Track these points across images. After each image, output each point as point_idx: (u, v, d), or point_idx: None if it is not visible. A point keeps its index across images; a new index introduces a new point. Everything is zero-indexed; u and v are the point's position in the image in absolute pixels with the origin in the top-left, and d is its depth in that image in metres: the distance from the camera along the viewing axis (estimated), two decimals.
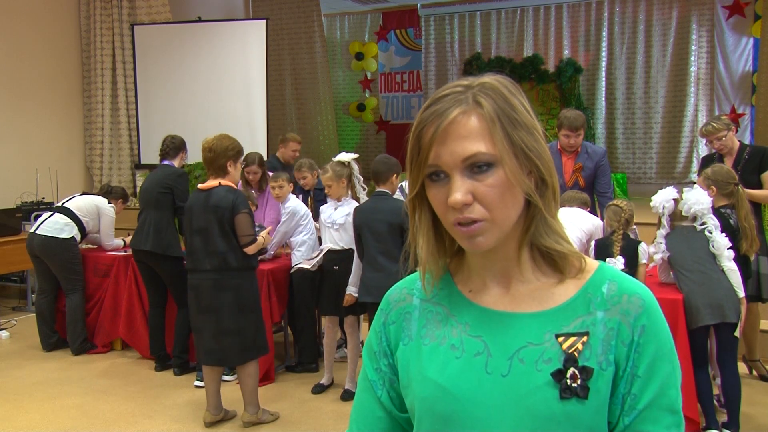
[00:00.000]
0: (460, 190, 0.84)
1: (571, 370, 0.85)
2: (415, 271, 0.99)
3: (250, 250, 3.66)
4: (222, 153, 3.66)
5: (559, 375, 0.85)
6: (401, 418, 0.99)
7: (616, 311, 0.88)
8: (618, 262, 3.46)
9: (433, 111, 0.87)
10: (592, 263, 0.93)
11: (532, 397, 0.85)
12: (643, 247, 3.56)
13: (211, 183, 3.69)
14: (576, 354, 0.86)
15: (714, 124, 4.13)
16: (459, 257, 0.98)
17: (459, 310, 0.94)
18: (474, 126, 0.84)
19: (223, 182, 3.68)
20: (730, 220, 3.60)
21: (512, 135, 0.85)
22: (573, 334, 0.87)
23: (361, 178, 4.18)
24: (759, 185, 4.09)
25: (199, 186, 3.76)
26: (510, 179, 0.84)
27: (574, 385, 0.84)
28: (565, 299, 0.90)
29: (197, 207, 3.65)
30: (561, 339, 0.87)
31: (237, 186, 3.82)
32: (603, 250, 3.57)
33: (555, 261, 0.91)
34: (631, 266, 3.51)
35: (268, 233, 4.00)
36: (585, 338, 0.87)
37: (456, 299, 0.96)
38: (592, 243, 3.66)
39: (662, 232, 3.54)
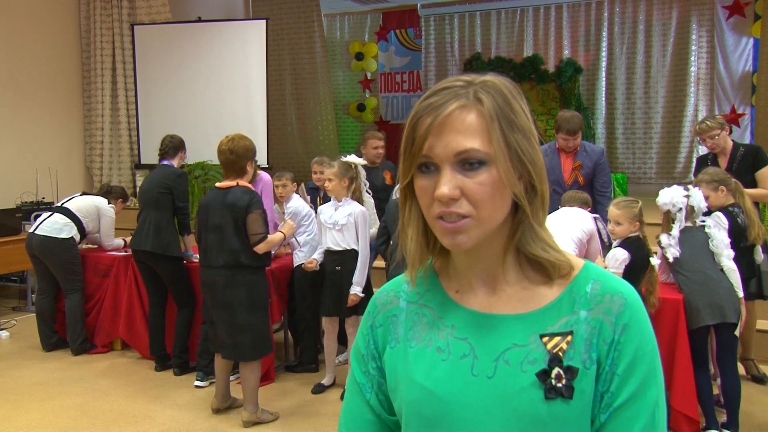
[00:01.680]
0: (448, 184, 0.83)
1: (556, 370, 0.85)
2: (402, 262, 0.98)
3: (260, 248, 3.71)
4: (243, 155, 3.76)
5: (543, 375, 0.85)
6: (390, 420, 0.99)
7: (598, 310, 0.87)
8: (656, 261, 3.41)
9: (430, 103, 0.86)
10: (577, 263, 0.93)
11: (518, 398, 0.85)
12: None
13: (229, 183, 3.78)
14: (561, 354, 0.86)
15: (708, 122, 4.15)
16: (444, 256, 0.97)
17: (445, 312, 0.94)
18: (472, 122, 0.84)
19: (241, 182, 3.79)
20: (738, 219, 3.61)
21: (509, 137, 0.85)
22: (557, 334, 0.87)
23: (368, 184, 4.18)
24: (753, 184, 4.11)
25: (217, 185, 3.85)
26: (501, 180, 0.84)
27: (559, 385, 0.84)
28: (550, 300, 0.90)
29: (215, 205, 3.74)
30: (545, 339, 0.87)
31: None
32: (642, 259, 3.38)
33: (544, 267, 0.91)
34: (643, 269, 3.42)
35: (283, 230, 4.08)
36: (569, 338, 0.87)
37: (442, 301, 0.95)
38: (620, 253, 3.42)
39: (677, 228, 3.45)
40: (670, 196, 3.49)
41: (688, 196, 3.49)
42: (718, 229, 3.45)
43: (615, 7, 10.44)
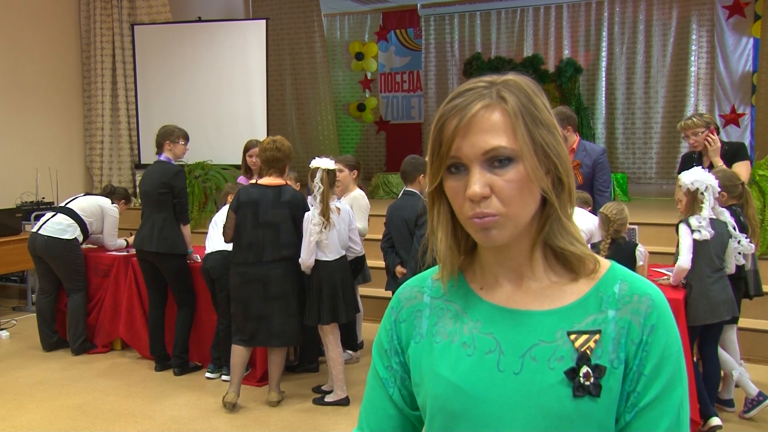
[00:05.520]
0: (478, 182, 0.84)
1: (585, 368, 0.85)
2: (433, 265, 0.99)
3: None
4: (287, 155, 3.97)
5: (572, 373, 0.85)
6: (412, 415, 1.00)
7: (626, 310, 0.88)
8: None
9: (455, 104, 0.87)
10: (604, 263, 0.94)
11: (545, 395, 0.85)
12: (640, 250, 3.53)
13: (276, 180, 3.96)
14: (588, 352, 0.86)
15: (694, 119, 4.12)
16: (470, 255, 0.98)
17: (470, 307, 0.94)
18: (497, 120, 0.85)
19: (289, 182, 4.02)
20: (741, 218, 3.63)
21: (533, 132, 0.86)
22: (585, 332, 0.88)
23: (320, 186, 3.87)
24: None
25: (261, 182, 3.97)
26: (529, 175, 0.85)
27: (587, 383, 0.85)
28: (577, 297, 0.91)
29: (265, 201, 3.89)
30: (573, 337, 0.87)
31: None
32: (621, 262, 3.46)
33: (569, 261, 0.92)
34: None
35: None
36: (597, 336, 0.87)
37: (467, 296, 0.96)
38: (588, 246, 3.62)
39: (708, 209, 3.42)
40: (694, 175, 3.47)
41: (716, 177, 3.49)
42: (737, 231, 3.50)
43: (615, 7, 10.45)
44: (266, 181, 3.96)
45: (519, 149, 0.84)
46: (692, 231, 3.42)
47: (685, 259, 3.41)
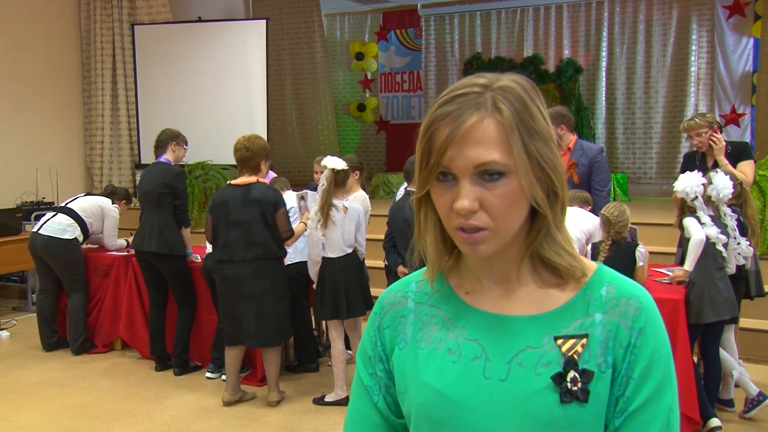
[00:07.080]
0: (468, 196, 0.81)
1: (572, 373, 0.83)
2: (421, 266, 0.97)
3: (289, 243, 4.07)
4: (258, 152, 3.94)
5: (559, 378, 0.83)
6: (398, 423, 0.97)
7: (614, 313, 0.87)
8: None
9: (448, 112, 0.83)
10: (590, 265, 0.92)
11: (532, 401, 0.84)
12: (640, 251, 3.53)
13: (247, 179, 3.94)
14: (576, 357, 0.84)
15: (697, 119, 4.11)
16: (454, 256, 0.95)
17: (455, 313, 0.92)
18: (491, 133, 0.81)
19: (260, 180, 3.97)
20: (741, 218, 3.64)
21: (529, 146, 0.83)
22: (572, 337, 0.86)
23: (323, 184, 3.97)
24: None
25: (232, 182, 4.00)
26: (521, 189, 0.83)
27: (575, 388, 0.83)
28: (563, 302, 0.89)
29: (235, 201, 3.88)
30: (560, 341, 0.86)
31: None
32: (594, 257, 3.51)
33: (556, 269, 0.90)
34: (627, 271, 3.44)
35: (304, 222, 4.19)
36: (584, 340, 0.86)
37: (452, 301, 0.94)
38: (589, 246, 3.63)
39: (705, 215, 3.45)
40: (685, 183, 3.48)
41: (705, 185, 3.49)
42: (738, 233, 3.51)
43: (615, 7, 10.44)
44: (238, 180, 3.98)
45: (513, 164, 0.81)
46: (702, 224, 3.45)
47: (698, 233, 3.37)
